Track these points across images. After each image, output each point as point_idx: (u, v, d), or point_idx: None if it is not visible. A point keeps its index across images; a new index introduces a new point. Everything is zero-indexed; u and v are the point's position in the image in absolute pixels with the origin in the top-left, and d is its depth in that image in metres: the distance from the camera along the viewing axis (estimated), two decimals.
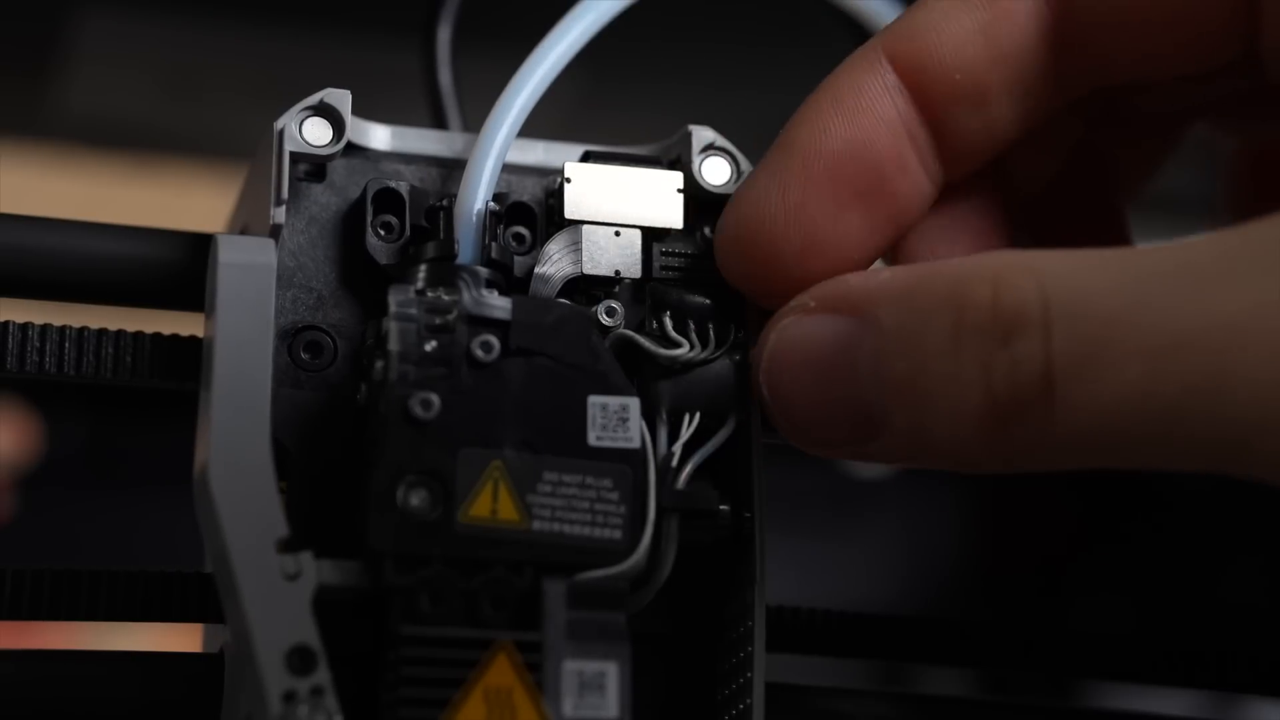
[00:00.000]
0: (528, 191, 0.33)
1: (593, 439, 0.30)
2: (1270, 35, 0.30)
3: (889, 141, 0.31)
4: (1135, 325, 0.26)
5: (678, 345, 0.32)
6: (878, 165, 0.31)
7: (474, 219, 0.32)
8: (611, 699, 0.29)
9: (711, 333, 0.32)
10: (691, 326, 0.32)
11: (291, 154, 0.31)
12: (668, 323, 0.32)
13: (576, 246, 0.32)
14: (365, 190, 0.32)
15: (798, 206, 0.31)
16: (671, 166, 0.33)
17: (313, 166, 0.32)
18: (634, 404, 0.31)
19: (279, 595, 0.28)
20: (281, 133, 0.31)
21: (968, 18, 0.31)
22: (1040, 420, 0.26)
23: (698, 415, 0.32)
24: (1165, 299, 0.26)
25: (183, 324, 0.33)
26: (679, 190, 0.33)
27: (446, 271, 0.31)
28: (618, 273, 0.32)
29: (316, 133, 0.32)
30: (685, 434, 0.31)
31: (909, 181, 0.31)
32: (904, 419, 0.28)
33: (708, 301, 0.32)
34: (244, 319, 0.30)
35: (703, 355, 0.32)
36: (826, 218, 0.31)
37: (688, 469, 0.31)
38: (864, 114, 0.31)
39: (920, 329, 0.28)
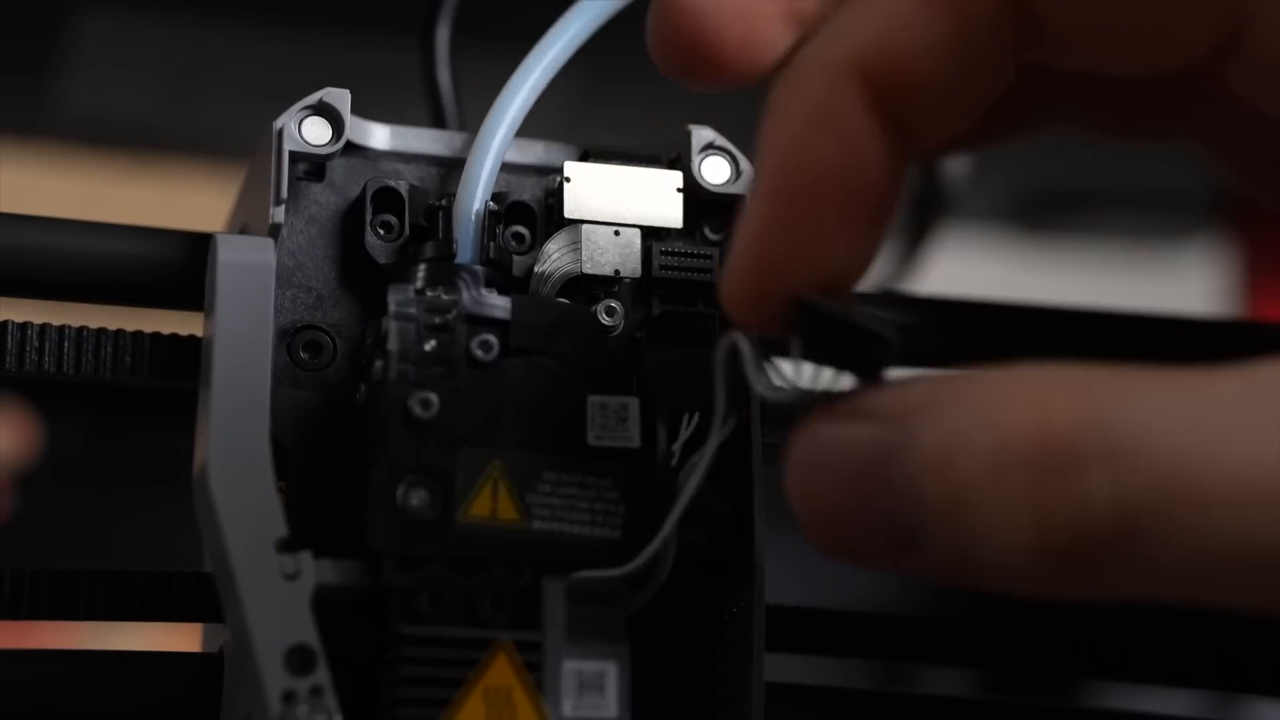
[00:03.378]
0: (527, 191, 0.33)
1: (592, 439, 0.30)
2: (1255, 42, 0.28)
3: None
4: (1217, 464, 0.23)
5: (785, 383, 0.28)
6: None
7: (473, 218, 0.32)
8: (611, 699, 0.30)
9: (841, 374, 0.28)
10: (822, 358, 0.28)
11: (291, 153, 0.31)
12: (798, 349, 0.28)
13: (576, 246, 0.32)
14: (364, 190, 0.32)
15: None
16: (671, 166, 0.33)
17: (312, 166, 0.32)
18: (634, 404, 0.31)
19: (278, 595, 0.28)
20: (281, 132, 0.31)
21: (936, 24, 0.28)
22: (1114, 563, 0.24)
23: (697, 415, 0.32)
24: (1247, 435, 0.24)
25: (182, 324, 0.33)
26: (679, 190, 0.33)
27: (446, 271, 0.31)
28: (617, 272, 0.32)
29: (316, 132, 0.32)
30: (685, 434, 0.31)
31: None
32: (946, 540, 0.25)
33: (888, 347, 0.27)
34: (243, 318, 0.30)
35: (803, 397, 0.28)
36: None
37: (685, 470, 0.31)
38: None
39: (957, 451, 0.25)
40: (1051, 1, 0.28)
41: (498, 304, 0.31)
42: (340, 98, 0.32)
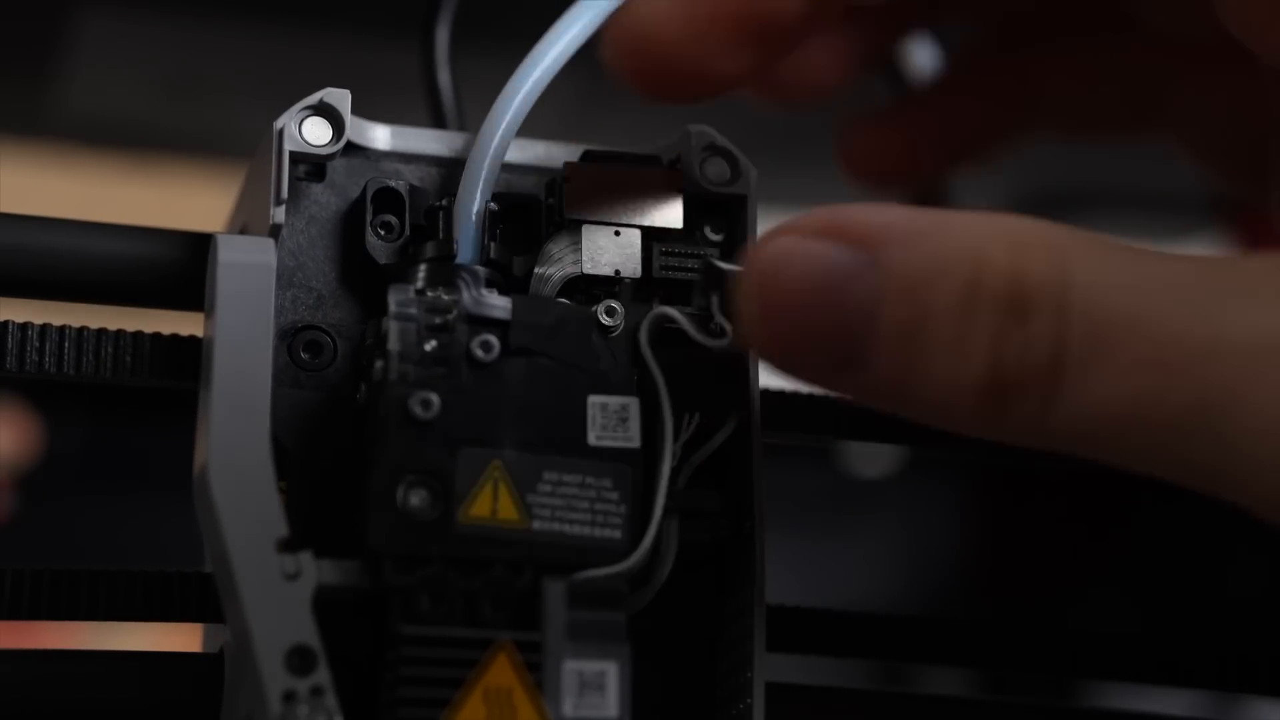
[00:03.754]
0: (528, 191, 0.33)
1: (593, 439, 0.30)
2: None
3: None
4: (1152, 331, 0.25)
5: (723, 332, 0.31)
6: None
7: (473, 218, 0.32)
8: (611, 699, 0.30)
9: None
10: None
11: (291, 154, 0.31)
12: (715, 304, 0.31)
13: (576, 246, 0.32)
14: (365, 190, 0.32)
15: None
16: (671, 166, 0.33)
17: (312, 166, 0.32)
18: (634, 404, 0.31)
19: (279, 595, 0.28)
20: (281, 132, 0.31)
21: None
22: (1040, 404, 0.26)
23: (697, 415, 0.32)
24: (1185, 310, 0.25)
25: (183, 324, 0.33)
26: (679, 190, 0.33)
27: (446, 271, 0.31)
28: (617, 272, 0.32)
29: (316, 132, 0.32)
30: (685, 434, 0.31)
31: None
32: (889, 365, 0.27)
33: None
34: (244, 319, 0.30)
35: (728, 342, 0.31)
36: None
37: (686, 470, 0.31)
38: None
39: (930, 279, 0.27)
40: None
41: (498, 304, 0.31)
42: (340, 98, 0.32)
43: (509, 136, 0.32)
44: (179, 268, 0.33)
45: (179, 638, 0.35)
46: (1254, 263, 0.26)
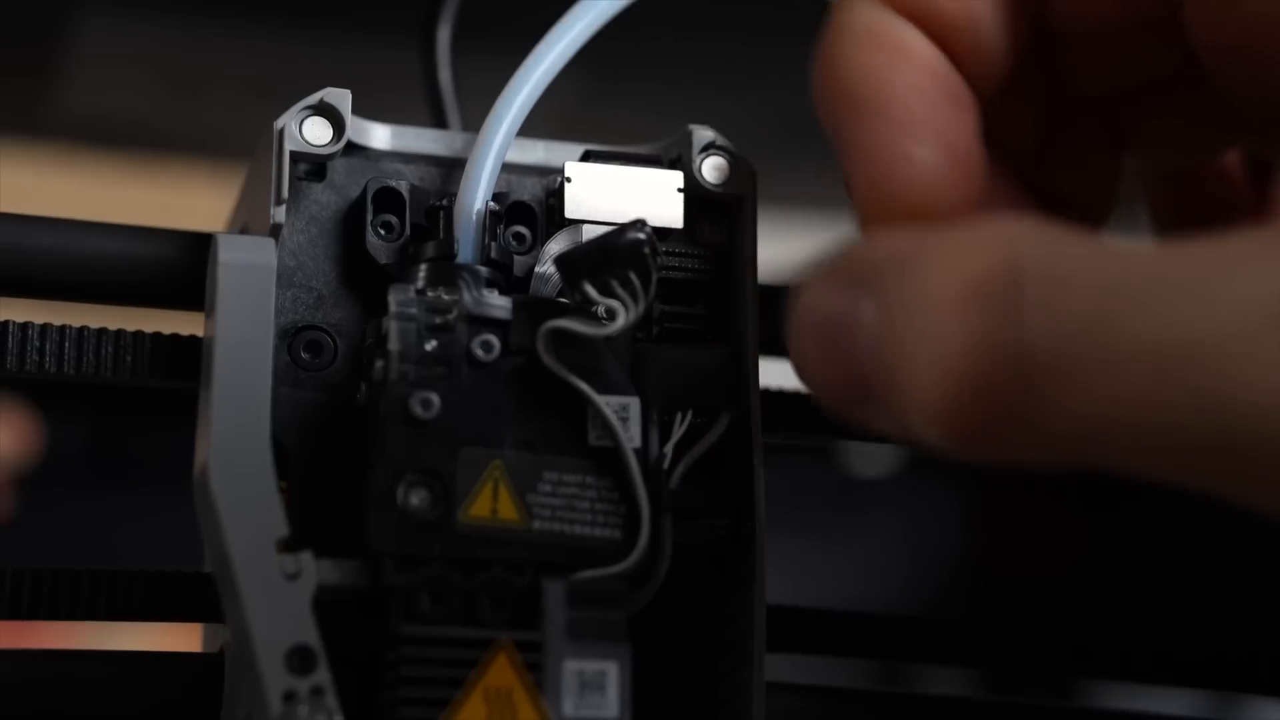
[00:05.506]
0: (528, 191, 0.33)
1: (593, 439, 0.30)
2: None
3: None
4: (1125, 328, 0.24)
5: (611, 313, 0.30)
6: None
7: (474, 218, 0.32)
8: (611, 699, 0.29)
9: (636, 279, 0.30)
10: (616, 284, 0.30)
11: (291, 153, 0.31)
12: (590, 290, 0.30)
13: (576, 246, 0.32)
14: (365, 189, 0.32)
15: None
16: (671, 166, 0.33)
17: (313, 166, 0.32)
18: (634, 404, 0.31)
19: (279, 595, 0.28)
20: (281, 132, 0.31)
21: None
22: (1014, 413, 0.25)
23: (689, 415, 0.31)
24: (1160, 303, 0.24)
25: (183, 324, 0.33)
26: (679, 190, 0.33)
27: (446, 271, 0.31)
28: None
29: (316, 132, 0.32)
30: (677, 434, 0.31)
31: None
32: (886, 390, 0.27)
33: (628, 239, 0.30)
34: (244, 318, 0.30)
35: (640, 309, 0.30)
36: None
37: (680, 469, 0.31)
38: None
39: (905, 301, 0.26)
40: None
41: (498, 304, 0.31)
42: (341, 98, 0.32)
43: (509, 136, 0.32)
44: (179, 268, 0.33)
45: (179, 638, 0.35)
46: (1221, 247, 0.25)
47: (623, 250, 0.30)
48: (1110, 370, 0.24)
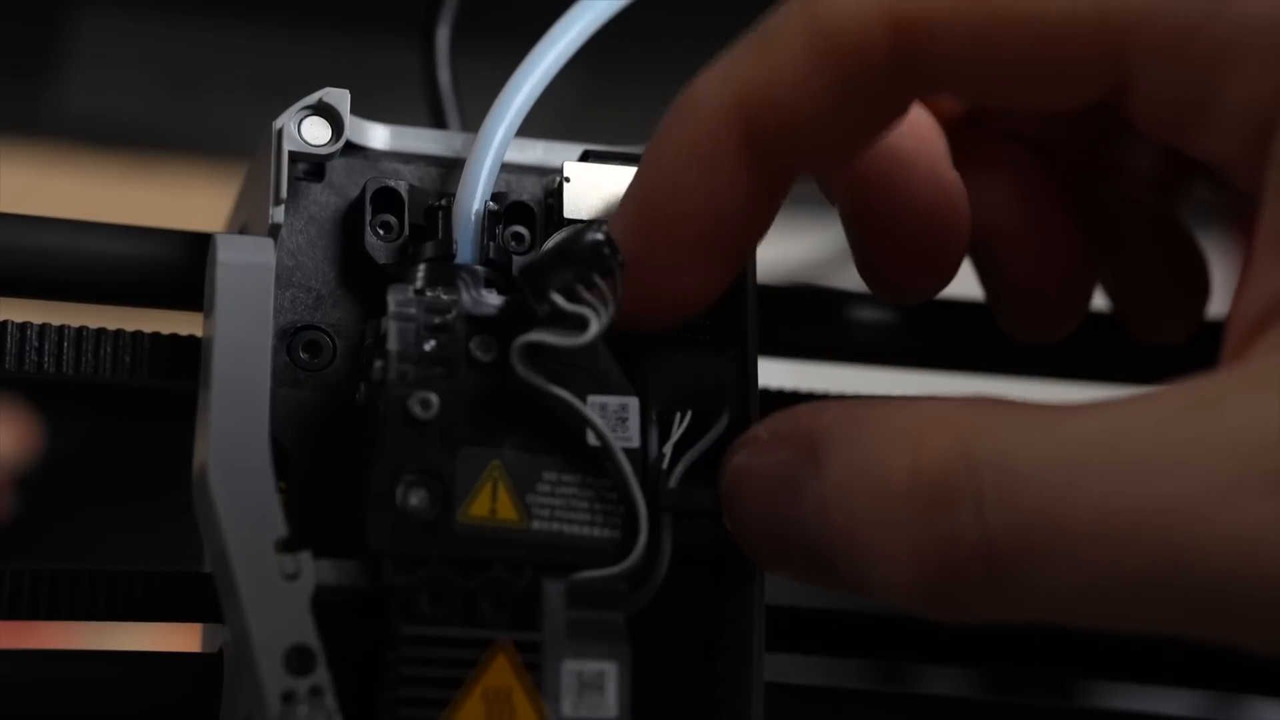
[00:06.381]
0: (527, 191, 0.33)
1: (592, 438, 0.30)
2: (1144, 85, 0.28)
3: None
4: (1081, 503, 0.24)
5: (582, 321, 0.30)
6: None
7: (473, 218, 0.32)
8: (611, 699, 0.29)
9: (600, 281, 0.30)
10: (582, 289, 0.30)
11: (290, 153, 0.31)
12: (560, 300, 0.30)
13: None
14: (364, 190, 0.32)
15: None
16: None
17: (312, 166, 0.32)
18: (634, 404, 0.31)
19: (278, 595, 0.28)
20: (280, 132, 0.31)
21: (820, 74, 0.29)
22: (987, 593, 0.25)
23: (688, 414, 0.31)
24: (1110, 475, 0.24)
25: (182, 324, 0.33)
26: None
27: (445, 271, 0.31)
28: None
29: (315, 132, 0.32)
30: (676, 434, 0.31)
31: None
32: (848, 568, 0.27)
33: (586, 241, 0.29)
34: (243, 319, 0.30)
35: (611, 313, 0.30)
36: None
37: (679, 469, 0.31)
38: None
39: (854, 482, 0.27)
40: (938, 59, 0.28)
41: (498, 304, 0.31)
42: (340, 98, 0.32)
43: (509, 136, 0.32)
44: (179, 268, 0.33)
45: (179, 638, 0.35)
46: (1166, 404, 0.25)
47: (582, 252, 0.30)
48: (1072, 547, 0.24)
